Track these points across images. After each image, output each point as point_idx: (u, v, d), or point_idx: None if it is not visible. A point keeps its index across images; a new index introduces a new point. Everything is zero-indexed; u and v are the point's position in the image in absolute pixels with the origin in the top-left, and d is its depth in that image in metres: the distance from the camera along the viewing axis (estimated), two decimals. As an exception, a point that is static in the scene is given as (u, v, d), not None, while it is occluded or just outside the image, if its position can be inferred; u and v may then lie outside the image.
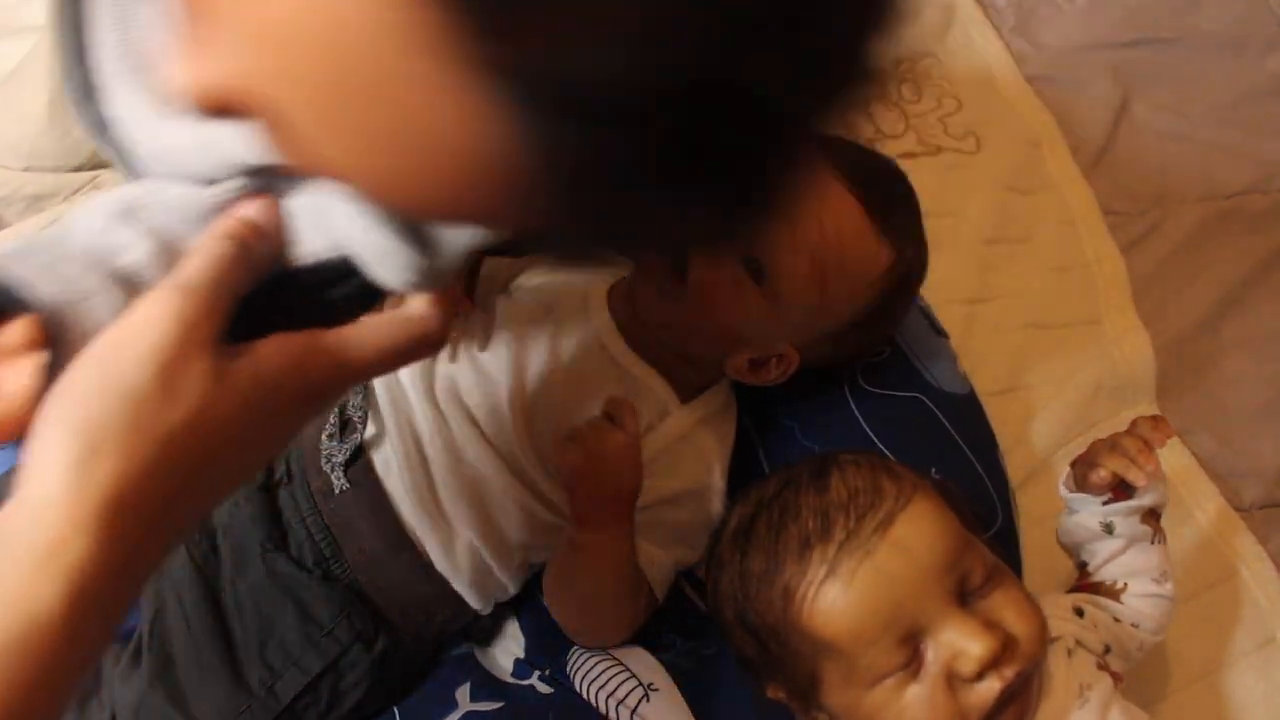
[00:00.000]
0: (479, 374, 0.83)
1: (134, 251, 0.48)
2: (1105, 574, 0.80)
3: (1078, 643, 0.76)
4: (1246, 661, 0.96)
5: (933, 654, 0.68)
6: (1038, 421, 1.12)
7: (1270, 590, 1.00)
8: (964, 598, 0.69)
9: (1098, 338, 1.18)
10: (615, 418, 0.75)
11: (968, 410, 0.94)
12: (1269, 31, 1.40)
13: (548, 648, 0.84)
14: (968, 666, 0.66)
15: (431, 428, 0.81)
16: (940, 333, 0.98)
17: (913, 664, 0.68)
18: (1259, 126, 1.32)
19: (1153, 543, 0.80)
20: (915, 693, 0.68)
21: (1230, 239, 1.24)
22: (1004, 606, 0.70)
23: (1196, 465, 1.08)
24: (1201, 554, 1.01)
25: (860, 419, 0.90)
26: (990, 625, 0.68)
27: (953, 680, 0.67)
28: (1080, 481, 0.80)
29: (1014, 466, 0.99)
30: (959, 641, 0.67)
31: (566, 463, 0.74)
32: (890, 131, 1.35)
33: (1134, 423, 0.79)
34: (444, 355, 0.85)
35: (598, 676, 0.79)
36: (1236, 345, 1.18)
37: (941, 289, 1.04)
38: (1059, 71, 1.40)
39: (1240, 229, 1.24)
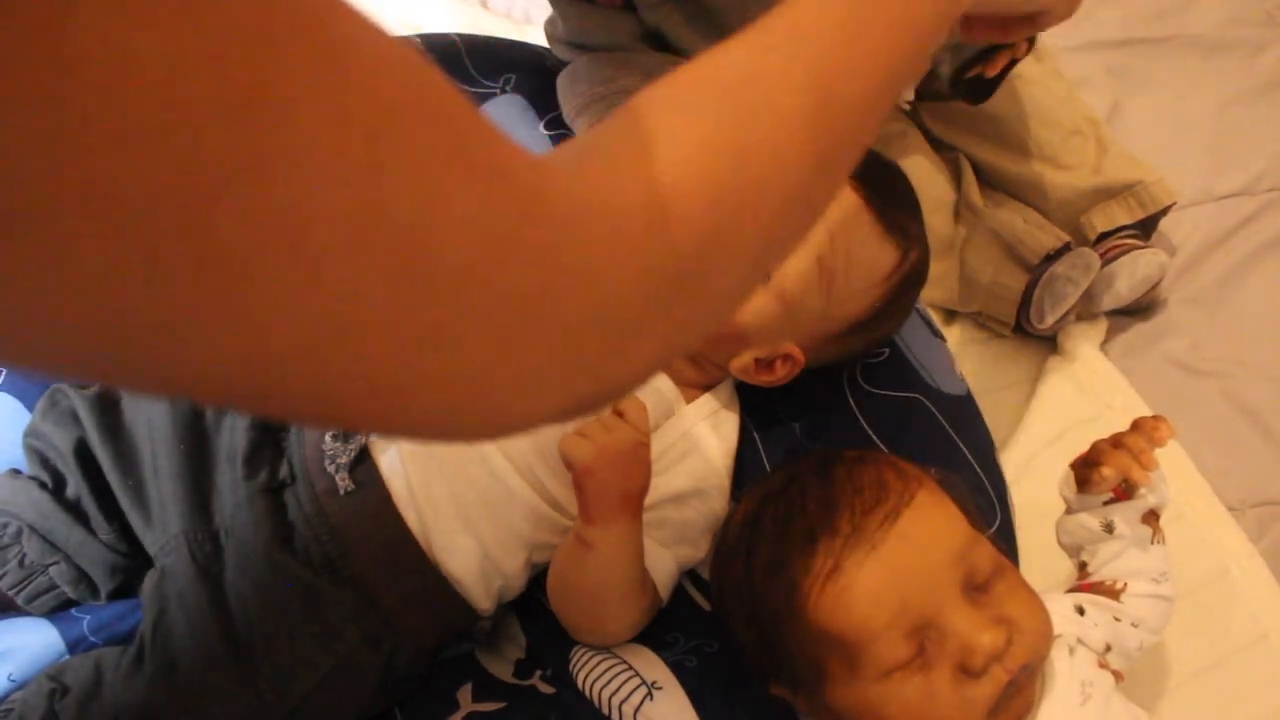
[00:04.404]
0: (485, 374, 0.82)
1: None
2: (1105, 573, 0.80)
3: (1079, 641, 0.76)
4: (1239, 659, 0.97)
5: (939, 647, 0.67)
6: (1030, 419, 1.13)
7: (1261, 588, 1.01)
8: (970, 592, 0.69)
9: (1090, 336, 1.19)
10: (625, 415, 0.75)
11: (965, 411, 0.94)
12: (1259, 32, 1.41)
13: (549, 647, 0.83)
14: (975, 660, 0.66)
15: (437, 428, 0.80)
16: (938, 334, 0.98)
17: (919, 657, 0.68)
18: (1250, 127, 1.33)
19: (1153, 543, 0.80)
20: (921, 686, 0.67)
21: (1221, 238, 1.25)
22: (1010, 601, 0.70)
23: (1190, 463, 1.08)
24: (1192, 552, 1.02)
25: (860, 419, 0.90)
26: (997, 619, 0.68)
27: (958, 673, 0.67)
28: (1081, 481, 0.80)
29: (1008, 466, 0.99)
30: (966, 634, 0.67)
31: (576, 459, 0.73)
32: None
33: (1136, 422, 0.79)
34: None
35: (600, 675, 0.79)
36: (1227, 343, 1.18)
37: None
38: (1049, 72, 1.41)
39: (1230, 228, 1.25)
